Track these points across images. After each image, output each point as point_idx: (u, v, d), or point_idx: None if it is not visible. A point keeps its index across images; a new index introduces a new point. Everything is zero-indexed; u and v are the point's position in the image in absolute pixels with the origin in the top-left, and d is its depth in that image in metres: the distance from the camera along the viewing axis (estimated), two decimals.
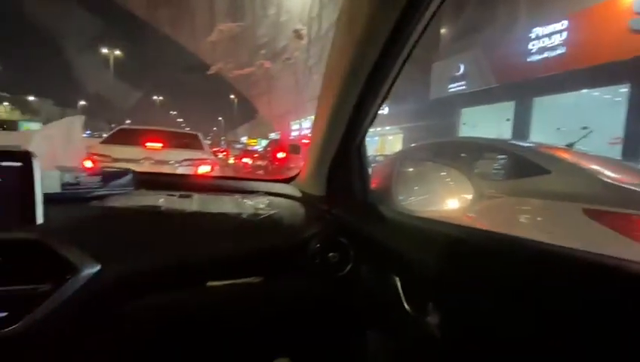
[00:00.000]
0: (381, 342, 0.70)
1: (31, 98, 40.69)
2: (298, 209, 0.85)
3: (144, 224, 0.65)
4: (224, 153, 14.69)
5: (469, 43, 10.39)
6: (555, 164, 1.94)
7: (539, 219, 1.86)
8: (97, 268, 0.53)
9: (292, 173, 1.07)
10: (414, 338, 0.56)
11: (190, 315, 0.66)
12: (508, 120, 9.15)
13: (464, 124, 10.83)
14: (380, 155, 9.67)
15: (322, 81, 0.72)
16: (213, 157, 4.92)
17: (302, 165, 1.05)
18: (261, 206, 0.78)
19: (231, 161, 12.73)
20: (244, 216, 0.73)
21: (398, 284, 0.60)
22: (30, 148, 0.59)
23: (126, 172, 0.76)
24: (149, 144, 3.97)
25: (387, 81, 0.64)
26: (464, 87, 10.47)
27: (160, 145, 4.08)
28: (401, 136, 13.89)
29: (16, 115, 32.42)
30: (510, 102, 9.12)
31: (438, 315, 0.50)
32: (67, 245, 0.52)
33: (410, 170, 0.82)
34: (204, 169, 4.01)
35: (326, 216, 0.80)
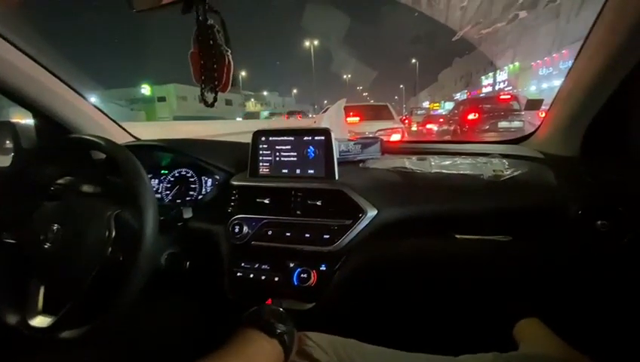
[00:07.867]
0: None
1: (264, 93, 55.87)
2: (544, 171, 0.78)
3: (397, 181, 0.81)
4: (405, 121, 14.58)
5: None
6: None
7: None
8: (375, 211, 0.72)
9: (486, 138, 0.98)
10: None
11: (440, 262, 0.77)
12: None
13: None
14: None
15: (599, 13, 0.60)
16: (402, 125, 5.08)
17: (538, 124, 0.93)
18: (500, 168, 0.77)
19: (413, 128, 12.48)
20: (485, 177, 0.75)
21: None
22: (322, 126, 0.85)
23: (375, 140, 0.95)
24: (348, 119, 4.59)
25: None
26: None
27: (357, 118, 4.63)
28: None
29: (257, 107, 45.68)
30: None
31: None
32: (355, 194, 0.73)
33: None
34: (395, 137, 4.23)
35: (586, 179, 0.69)
